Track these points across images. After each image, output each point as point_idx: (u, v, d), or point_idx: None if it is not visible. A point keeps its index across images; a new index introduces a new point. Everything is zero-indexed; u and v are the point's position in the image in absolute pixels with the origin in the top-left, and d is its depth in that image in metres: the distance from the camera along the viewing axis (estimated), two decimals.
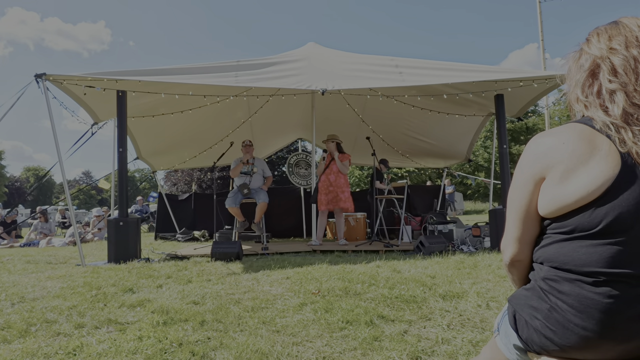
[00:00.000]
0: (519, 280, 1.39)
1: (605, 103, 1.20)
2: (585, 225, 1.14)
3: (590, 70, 1.26)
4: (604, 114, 1.18)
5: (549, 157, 1.20)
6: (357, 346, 2.45)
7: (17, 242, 11.99)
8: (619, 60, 1.20)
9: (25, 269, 5.40)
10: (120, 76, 5.64)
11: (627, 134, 1.13)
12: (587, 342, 1.13)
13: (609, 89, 1.19)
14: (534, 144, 1.27)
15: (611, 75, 1.20)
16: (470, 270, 4.41)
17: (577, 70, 1.31)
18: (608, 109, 1.18)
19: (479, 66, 6.34)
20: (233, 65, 6.10)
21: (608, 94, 1.19)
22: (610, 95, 1.19)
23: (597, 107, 1.21)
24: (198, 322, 2.87)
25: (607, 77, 1.20)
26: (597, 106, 1.21)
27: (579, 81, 1.28)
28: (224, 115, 9.10)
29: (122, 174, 6.11)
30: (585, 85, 1.27)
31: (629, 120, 1.14)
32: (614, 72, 1.20)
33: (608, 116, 1.17)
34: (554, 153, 1.19)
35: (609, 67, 1.21)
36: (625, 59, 1.20)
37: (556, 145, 1.20)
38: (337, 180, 7.32)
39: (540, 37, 17.56)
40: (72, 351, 2.42)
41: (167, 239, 10.35)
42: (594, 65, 1.26)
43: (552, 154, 1.20)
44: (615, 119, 1.15)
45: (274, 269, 4.68)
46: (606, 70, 1.22)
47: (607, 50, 1.23)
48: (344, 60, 7.13)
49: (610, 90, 1.19)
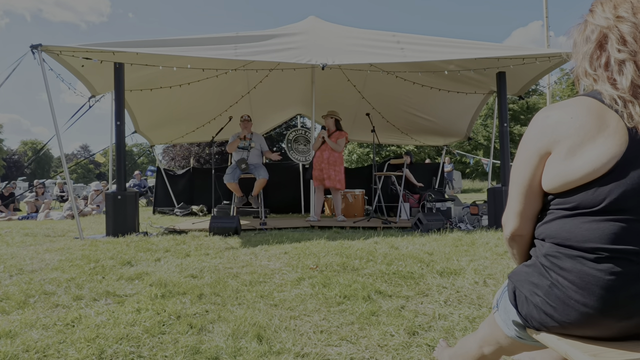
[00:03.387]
0: (518, 255, 1.38)
1: (613, 75, 1.16)
2: (588, 202, 1.12)
3: (597, 42, 1.22)
4: (611, 87, 1.15)
5: (556, 132, 1.17)
6: (355, 321, 2.46)
7: (15, 215, 11.99)
8: (627, 28, 1.16)
9: (23, 242, 5.41)
10: (117, 47, 5.54)
11: (635, 109, 1.10)
12: (587, 319, 1.13)
13: (618, 59, 1.15)
14: (541, 117, 1.24)
15: (620, 45, 1.15)
16: (467, 247, 4.42)
17: (584, 42, 1.26)
18: (616, 82, 1.14)
19: (481, 43, 6.25)
20: (232, 37, 6.00)
21: (617, 65, 1.15)
22: (619, 67, 1.15)
23: (604, 81, 1.17)
24: (196, 296, 2.88)
25: (616, 47, 1.16)
26: (605, 79, 1.17)
27: (587, 54, 1.24)
28: (222, 89, 9.01)
29: (119, 148, 6.07)
30: (593, 57, 1.22)
31: (637, 94, 1.11)
32: (623, 41, 1.15)
33: (616, 89, 1.13)
34: (562, 127, 1.17)
35: (617, 36, 1.17)
36: (634, 26, 1.15)
37: (564, 120, 1.17)
38: (331, 157, 7.29)
39: (544, 14, 17.29)
40: (70, 322, 2.43)
41: (165, 213, 10.37)
42: (601, 36, 1.21)
43: (559, 128, 1.17)
44: (623, 92, 1.12)
45: (272, 244, 4.69)
46: (614, 40, 1.17)
47: (614, 19, 1.19)
48: (344, 35, 7.03)
49: (619, 61, 1.15)
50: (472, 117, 9.54)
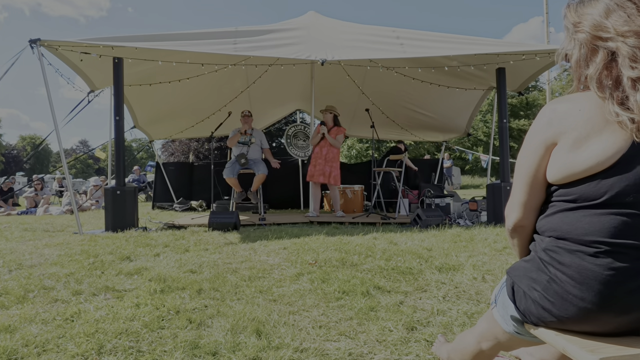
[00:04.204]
0: (519, 246, 1.38)
1: (625, 93, 1.12)
2: (590, 195, 1.12)
3: (604, 63, 1.17)
4: (620, 108, 1.10)
5: (563, 123, 1.17)
6: (353, 316, 2.47)
7: (14, 209, 11.99)
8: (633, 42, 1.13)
9: (22, 237, 5.41)
10: (116, 42, 5.52)
11: None
12: (585, 314, 1.13)
13: (632, 77, 1.11)
14: (549, 109, 1.24)
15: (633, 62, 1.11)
16: (466, 243, 4.43)
17: (584, 61, 1.22)
18: (628, 100, 1.10)
19: (481, 39, 6.24)
20: (231, 32, 5.98)
21: (630, 82, 1.11)
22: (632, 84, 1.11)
23: (613, 103, 1.14)
24: (195, 291, 2.89)
25: (629, 65, 1.11)
26: (614, 101, 1.14)
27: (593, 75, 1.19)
28: (222, 84, 8.99)
29: (119, 143, 6.05)
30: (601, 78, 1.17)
31: None
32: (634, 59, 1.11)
33: (627, 110, 1.09)
34: (569, 119, 1.17)
35: (626, 54, 1.12)
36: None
37: (572, 112, 1.17)
38: (329, 153, 7.28)
39: (544, 10, 17.24)
40: (70, 317, 2.44)
41: (164, 208, 10.36)
42: (605, 55, 1.17)
43: (566, 119, 1.17)
44: (632, 113, 1.09)
45: (271, 240, 4.69)
46: (624, 57, 1.13)
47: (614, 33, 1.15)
48: (344, 30, 7.01)
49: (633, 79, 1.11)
50: (471, 112, 9.52)
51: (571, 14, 1.27)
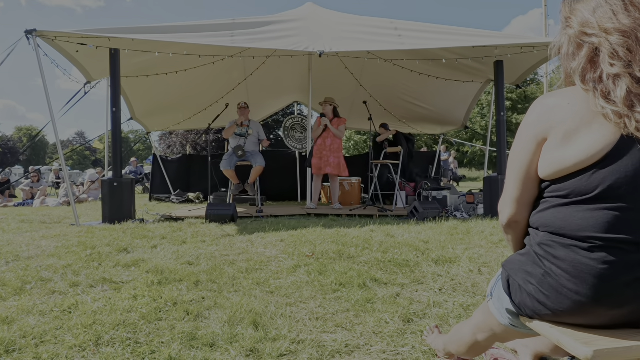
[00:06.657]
0: (514, 241, 1.39)
1: (607, 88, 1.13)
2: (582, 189, 1.13)
3: (588, 57, 1.18)
4: (605, 101, 1.12)
5: (552, 117, 1.18)
6: (350, 308, 2.48)
7: (11, 201, 11.96)
8: (615, 40, 1.14)
9: (19, 228, 5.41)
10: (113, 34, 5.49)
11: (631, 122, 1.08)
12: (580, 307, 1.14)
13: (612, 74, 1.12)
14: (539, 104, 1.24)
15: (612, 59, 1.12)
16: (463, 236, 4.45)
17: (571, 57, 1.23)
18: (610, 94, 1.11)
19: (480, 31, 6.22)
20: (229, 24, 5.95)
21: (611, 79, 1.13)
22: (613, 80, 1.12)
23: (598, 97, 1.15)
24: (192, 283, 2.89)
25: (609, 62, 1.13)
26: (599, 94, 1.15)
27: (577, 69, 1.22)
28: (219, 76, 8.95)
29: (115, 135, 6.04)
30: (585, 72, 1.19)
31: (633, 105, 1.09)
32: (614, 55, 1.12)
33: (610, 103, 1.11)
34: (558, 112, 1.17)
35: (608, 49, 1.13)
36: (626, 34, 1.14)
37: (561, 105, 1.18)
38: (333, 144, 7.29)
39: (543, 2, 17.19)
40: (67, 309, 2.44)
41: (161, 200, 10.35)
42: (590, 51, 1.18)
43: (556, 113, 1.18)
44: (616, 105, 1.10)
45: (268, 232, 4.70)
46: (605, 53, 1.14)
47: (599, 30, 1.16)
48: (342, 22, 6.98)
49: (613, 75, 1.12)
50: (469, 105, 9.53)
51: (565, 9, 1.28)
